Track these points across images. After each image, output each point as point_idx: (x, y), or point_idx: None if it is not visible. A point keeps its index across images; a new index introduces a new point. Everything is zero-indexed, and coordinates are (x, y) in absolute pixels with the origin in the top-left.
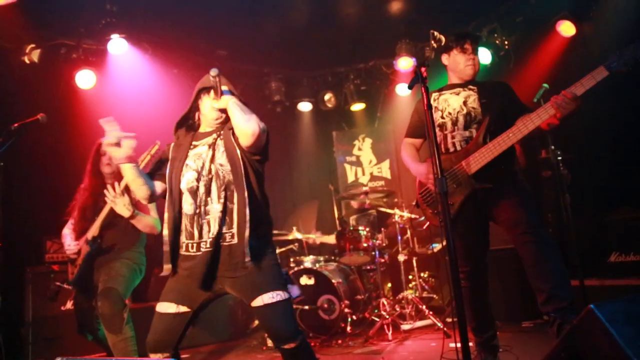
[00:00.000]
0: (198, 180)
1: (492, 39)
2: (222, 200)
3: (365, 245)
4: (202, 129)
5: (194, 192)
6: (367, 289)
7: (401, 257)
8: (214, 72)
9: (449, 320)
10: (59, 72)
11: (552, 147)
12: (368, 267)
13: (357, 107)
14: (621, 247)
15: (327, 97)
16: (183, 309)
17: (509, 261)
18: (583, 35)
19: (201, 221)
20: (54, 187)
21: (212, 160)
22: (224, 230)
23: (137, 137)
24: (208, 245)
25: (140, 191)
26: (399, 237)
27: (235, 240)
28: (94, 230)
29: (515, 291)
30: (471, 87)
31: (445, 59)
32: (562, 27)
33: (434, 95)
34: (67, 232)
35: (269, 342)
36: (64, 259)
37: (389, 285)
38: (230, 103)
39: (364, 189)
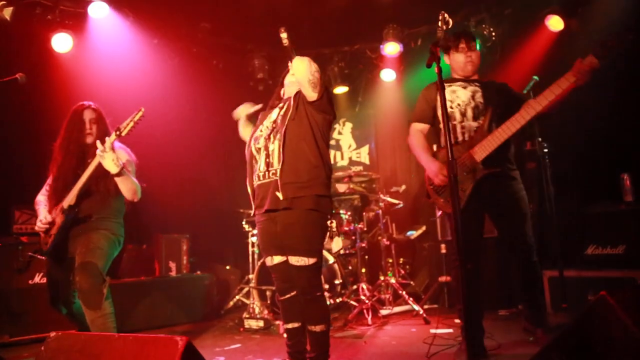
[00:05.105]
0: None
1: (479, 29)
2: (273, 143)
3: (346, 229)
4: (286, 96)
5: (257, 138)
6: (344, 274)
7: (384, 242)
8: (283, 35)
9: (426, 306)
10: (34, 33)
11: (539, 139)
12: (347, 252)
13: (340, 90)
14: (598, 239)
15: None
16: (278, 259)
17: (487, 251)
18: (570, 31)
19: (261, 159)
20: (23, 154)
21: (277, 115)
22: (270, 167)
23: (115, 103)
24: (262, 177)
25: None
26: (382, 224)
27: (276, 177)
28: (70, 199)
29: (492, 281)
30: (476, 84)
31: (447, 59)
32: (551, 22)
33: None
34: (42, 200)
35: (246, 324)
36: (33, 230)
37: (363, 270)
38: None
39: (349, 172)
